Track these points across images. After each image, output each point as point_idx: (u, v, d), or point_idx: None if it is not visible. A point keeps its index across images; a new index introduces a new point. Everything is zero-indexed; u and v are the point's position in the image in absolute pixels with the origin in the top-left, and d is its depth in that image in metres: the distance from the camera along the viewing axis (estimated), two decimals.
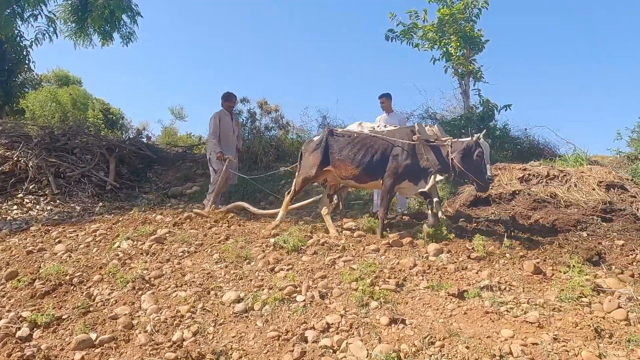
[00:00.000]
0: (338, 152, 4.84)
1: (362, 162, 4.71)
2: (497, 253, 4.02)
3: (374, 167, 4.70)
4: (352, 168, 4.75)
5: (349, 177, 4.83)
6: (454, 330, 2.71)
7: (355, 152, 4.76)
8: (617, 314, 2.86)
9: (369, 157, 4.71)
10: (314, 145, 5.05)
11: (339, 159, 4.82)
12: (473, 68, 8.86)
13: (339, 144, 4.89)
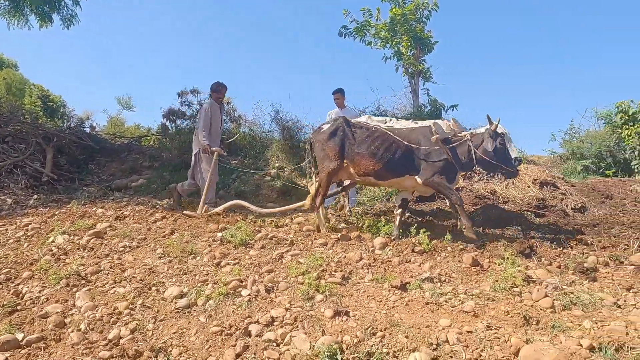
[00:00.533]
0: (357, 146, 4.46)
1: (386, 158, 4.38)
2: (440, 247, 4.17)
3: (398, 164, 4.40)
4: (373, 164, 4.39)
5: (369, 173, 4.45)
6: (395, 321, 2.79)
7: (378, 146, 4.40)
8: (544, 302, 3.06)
9: (393, 153, 4.40)
10: (328, 134, 4.57)
11: (359, 153, 4.44)
12: (422, 68, 9.13)
13: (358, 136, 4.50)
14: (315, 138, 4.77)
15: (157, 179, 8.02)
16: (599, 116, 9.44)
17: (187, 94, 9.39)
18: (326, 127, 4.72)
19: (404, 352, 2.47)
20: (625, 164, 8.40)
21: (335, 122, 4.69)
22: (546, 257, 3.95)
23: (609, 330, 2.68)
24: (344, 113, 6.99)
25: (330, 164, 4.52)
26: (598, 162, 8.65)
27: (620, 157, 8.54)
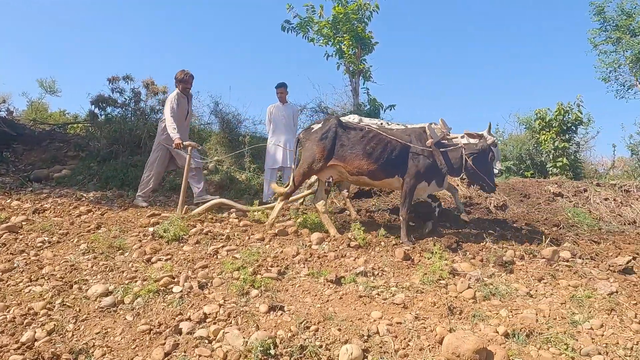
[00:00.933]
0: (350, 146, 4.47)
1: (380, 159, 4.44)
2: (374, 242, 4.30)
3: (391, 164, 4.48)
4: (367, 164, 4.44)
5: (362, 173, 4.49)
6: (329, 314, 2.84)
7: (372, 147, 4.45)
8: (466, 294, 3.27)
9: (387, 154, 4.47)
10: (320, 135, 4.53)
11: (352, 153, 4.45)
12: (363, 67, 9.34)
13: (351, 136, 4.51)
14: (305, 137, 4.71)
15: (83, 169, 7.49)
16: (521, 122, 10.24)
17: (118, 80, 8.85)
18: (317, 126, 4.69)
19: (336, 344, 2.53)
20: (541, 166, 9.19)
21: (327, 122, 4.67)
22: (470, 252, 4.21)
23: (521, 317, 2.93)
24: (286, 108, 7.00)
25: (313, 163, 4.51)
26: (519, 163, 9.38)
27: (538, 160, 9.33)
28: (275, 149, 6.88)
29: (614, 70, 11.31)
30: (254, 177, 8.42)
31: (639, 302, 3.27)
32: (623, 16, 10.89)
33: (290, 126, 6.98)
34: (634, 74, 10.96)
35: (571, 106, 9.07)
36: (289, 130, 6.93)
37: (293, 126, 7.06)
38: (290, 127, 6.96)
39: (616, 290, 3.42)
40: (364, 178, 4.56)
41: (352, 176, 4.59)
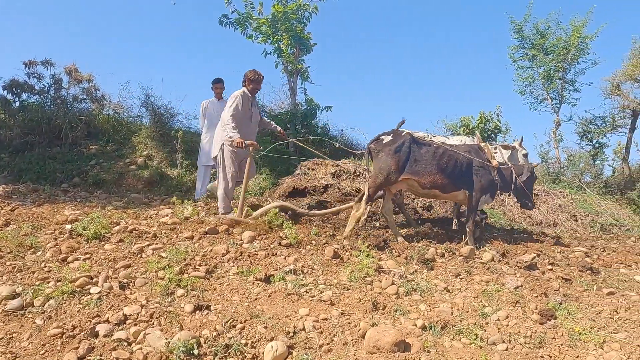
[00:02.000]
0: (423, 161, 4.65)
1: (451, 173, 4.69)
2: (305, 240, 4.37)
3: (459, 178, 4.75)
4: (440, 178, 4.65)
5: (435, 187, 4.68)
6: (257, 313, 2.85)
7: (445, 162, 4.68)
8: (390, 290, 3.43)
9: (456, 169, 4.72)
10: (394, 148, 4.64)
11: (425, 168, 4.64)
12: (301, 67, 9.40)
13: (423, 152, 4.69)
14: (378, 148, 4.76)
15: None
16: (447, 127, 10.87)
17: (36, 65, 8.15)
18: (387, 138, 4.76)
19: (262, 341, 2.54)
20: None
21: (400, 136, 4.75)
22: (396, 250, 4.41)
23: (438, 311, 3.13)
24: (221, 104, 6.83)
25: (389, 175, 4.61)
26: None
27: None
28: (210, 146, 6.71)
29: (529, 84, 12.37)
30: (186, 173, 8.17)
31: (539, 294, 3.63)
32: (538, 35, 11.95)
33: None
34: (545, 89, 12.07)
35: (492, 115, 9.80)
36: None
37: None
38: None
39: (521, 284, 3.77)
40: (435, 191, 4.78)
41: (423, 189, 4.77)
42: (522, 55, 12.52)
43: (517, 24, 12.19)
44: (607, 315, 3.38)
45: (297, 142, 6.11)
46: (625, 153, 11.22)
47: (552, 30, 11.90)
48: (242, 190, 4.95)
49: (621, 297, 3.81)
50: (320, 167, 7.25)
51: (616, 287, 4.05)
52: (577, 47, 11.35)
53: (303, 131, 9.53)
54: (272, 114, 9.74)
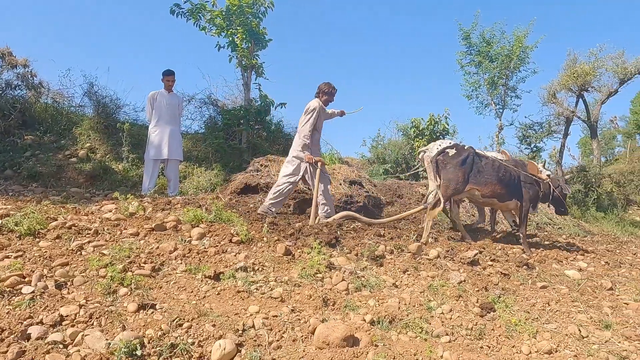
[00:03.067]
0: (485, 173, 5.22)
1: (507, 185, 5.30)
2: (257, 237, 4.32)
3: (513, 190, 5.37)
4: (499, 189, 5.26)
5: (494, 196, 5.30)
6: (205, 311, 2.78)
7: (502, 175, 5.27)
8: (340, 286, 3.47)
9: (511, 181, 5.33)
10: (460, 160, 5.16)
11: (486, 179, 5.21)
12: (256, 63, 9.27)
13: (484, 165, 5.27)
14: (445, 160, 5.23)
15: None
16: (399, 128, 11.20)
17: None
18: (452, 151, 5.25)
19: (210, 340, 2.48)
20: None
21: (464, 150, 5.29)
22: (347, 246, 4.47)
23: (386, 306, 3.21)
24: (171, 97, 6.63)
25: (457, 185, 5.13)
26: (395, 166, 10.25)
27: (412, 164, 10.30)
28: (160, 140, 6.49)
29: (475, 89, 13.02)
30: (132, 168, 7.82)
31: (480, 288, 3.82)
32: (484, 43, 12.59)
33: (175, 116, 6.64)
34: (489, 94, 12.74)
35: (440, 117, 10.19)
36: (173, 120, 6.59)
37: (178, 116, 6.73)
38: (175, 118, 6.63)
39: (464, 279, 3.95)
40: (494, 200, 5.38)
41: (483, 198, 5.36)
42: (470, 61, 13.12)
43: (465, 31, 12.75)
44: (540, 307, 3.62)
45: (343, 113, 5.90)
46: (559, 157, 12.08)
47: (497, 39, 12.57)
48: (314, 200, 5.35)
49: (553, 290, 4.09)
50: (273, 163, 7.20)
51: (549, 281, 4.35)
52: (518, 56, 12.06)
53: (257, 127, 9.42)
54: (224, 109, 9.53)
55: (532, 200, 5.53)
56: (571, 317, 3.50)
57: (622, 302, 3.97)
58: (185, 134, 9.49)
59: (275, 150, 9.05)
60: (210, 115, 9.84)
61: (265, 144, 9.26)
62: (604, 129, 26.20)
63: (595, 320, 3.47)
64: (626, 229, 9.46)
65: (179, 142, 6.76)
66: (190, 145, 8.88)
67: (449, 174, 5.16)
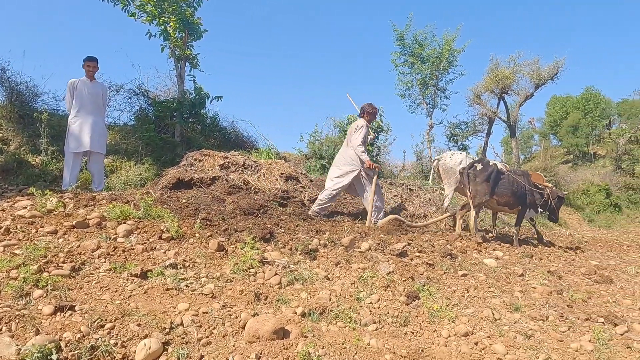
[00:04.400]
0: (503, 186, 6.09)
1: (515, 195, 6.20)
2: (189, 233, 4.21)
3: (520, 198, 6.27)
4: (512, 199, 6.20)
5: (507, 205, 6.29)
6: (129, 310, 2.68)
7: (515, 187, 6.18)
8: (273, 280, 3.50)
9: (519, 192, 6.23)
10: (487, 175, 5.97)
11: (503, 191, 6.10)
12: (190, 54, 8.97)
13: (503, 178, 6.13)
14: (475, 174, 6.05)
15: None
16: (336, 125, 11.39)
17: None
18: (479, 166, 6.10)
19: (134, 340, 2.40)
20: None
21: (489, 165, 6.11)
22: (282, 241, 4.50)
23: (317, 298, 3.29)
24: (94, 85, 6.22)
25: (485, 195, 5.98)
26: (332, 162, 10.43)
27: None
28: (80, 131, 6.06)
29: (408, 89, 13.61)
30: (51, 161, 7.26)
31: (407, 278, 4.03)
32: (416, 45, 13.17)
33: (99, 106, 6.21)
34: (421, 94, 13.38)
35: None
36: (96, 110, 6.15)
37: (102, 106, 6.29)
38: (98, 107, 6.19)
39: (393, 270, 4.14)
40: (506, 207, 6.39)
41: (498, 205, 6.37)
42: (403, 61, 13.65)
43: (399, 32, 13.25)
44: (460, 294, 3.89)
45: None
46: (483, 154, 12.97)
47: (428, 42, 13.19)
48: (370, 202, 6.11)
49: (472, 278, 4.42)
50: (208, 158, 7.03)
51: (469, 269, 4.68)
52: (447, 58, 12.75)
53: (191, 120, 9.13)
54: (156, 101, 9.13)
55: (532, 205, 6.52)
56: (487, 301, 3.81)
57: (531, 287, 4.38)
58: (113, 125, 8.96)
59: (211, 145, 8.84)
60: (140, 107, 9.36)
61: (200, 138, 9.01)
62: (523, 129, 28.53)
63: (507, 304, 3.80)
64: (543, 222, 10.41)
65: (103, 134, 6.33)
66: (118, 138, 8.41)
67: (478, 186, 6.04)
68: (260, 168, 7.10)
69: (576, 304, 3.98)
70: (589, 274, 5.11)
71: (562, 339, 3.21)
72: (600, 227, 11.10)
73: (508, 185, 6.19)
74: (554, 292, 4.21)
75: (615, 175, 15.93)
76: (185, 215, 4.85)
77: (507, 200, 6.26)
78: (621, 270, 5.58)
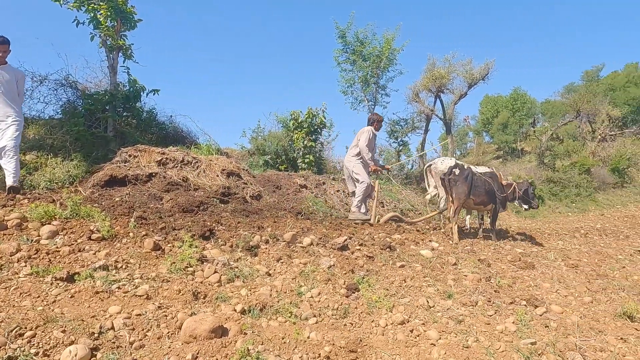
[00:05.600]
0: (478, 187, 6.73)
1: (488, 195, 6.84)
2: (122, 233, 4.01)
3: (491, 197, 6.90)
4: (486, 198, 6.81)
5: (482, 203, 6.85)
6: (53, 316, 2.50)
7: (486, 187, 6.82)
8: (213, 278, 3.43)
9: (491, 191, 6.86)
10: (464, 177, 6.61)
11: (478, 191, 6.72)
12: (124, 44, 8.49)
13: (477, 179, 6.77)
14: (454, 178, 6.63)
15: None
16: (279, 120, 11.34)
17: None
18: (457, 171, 6.68)
19: (58, 347, 2.25)
20: (294, 161, 10.43)
21: (465, 169, 6.75)
22: (222, 238, 4.41)
23: (258, 294, 3.27)
24: (6, 71, 5.54)
25: (465, 196, 6.58)
26: (275, 158, 10.38)
27: (291, 156, 10.54)
28: None
29: (350, 86, 13.84)
30: None
31: (348, 271, 4.11)
32: (358, 42, 13.41)
33: (13, 95, 5.42)
34: (363, 91, 13.67)
35: (318, 111, 10.59)
36: (10, 100, 5.41)
37: (17, 96, 5.56)
38: (12, 96, 5.40)
39: (334, 263, 4.21)
40: (481, 206, 6.94)
41: (475, 204, 6.88)
42: (345, 59, 13.85)
43: (341, 30, 13.41)
44: (397, 284, 4.04)
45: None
46: (422, 149, 13.50)
47: (369, 40, 13.47)
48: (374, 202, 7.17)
49: (409, 268, 4.60)
50: (144, 154, 6.72)
51: (407, 260, 4.87)
52: (387, 57, 13.11)
53: (125, 114, 8.66)
54: (86, 93, 8.55)
55: (502, 202, 7.22)
56: (422, 290, 3.99)
57: (463, 275, 4.64)
58: (37, 119, 8.26)
59: (147, 140, 8.44)
60: (68, 99, 8.70)
61: (135, 133, 8.55)
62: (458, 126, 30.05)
63: (440, 292, 4.00)
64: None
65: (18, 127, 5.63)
66: (43, 132, 7.76)
67: (459, 189, 6.66)
68: (200, 164, 6.90)
69: (502, 289, 4.28)
70: (514, 261, 5.51)
71: (489, 322, 3.44)
72: (525, 217, 11.99)
73: (482, 186, 6.88)
74: (483, 279, 4.50)
75: (539, 169, 17.28)
76: (118, 214, 4.61)
77: (482, 200, 6.91)
78: (542, 257, 6.07)
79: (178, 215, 5.13)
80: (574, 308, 4.02)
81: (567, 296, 4.36)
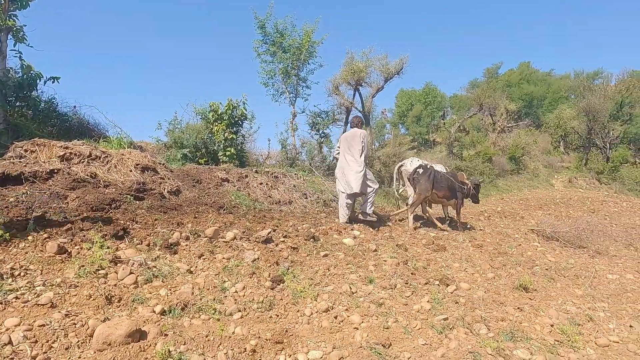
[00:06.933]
0: (440, 183, 7.47)
1: (450, 190, 7.60)
2: (18, 236, 3.60)
3: (454, 192, 7.64)
4: (447, 192, 7.56)
5: (445, 197, 7.62)
6: None
7: (449, 184, 7.58)
8: (128, 280, 3.22)
9: (452, 187, 7.61)
10: (428, 175, 7.42)
11: (441, 186, 7.47)
12: (14, 25, 7.54)
13: (439, 177, 7.50)
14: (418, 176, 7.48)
15: None
16: (197, 112, 10.87)
17: None
18: (421, 170, 7.51)
19: None
20: (214, 154, 10.09)
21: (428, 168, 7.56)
22: (138, 237, 4.16)
23: (179, 293, 3.14)
24: None
25: (427, 191, 7.37)
26: (195, 151, 9.95)
27: (211, 149, 10.18)
28: None
29: (271, 77, 13.68)
30: None
31: (272, 264, 4.10)
32: (277, 34, 13.28)
33: None
34: (284, 83, 13.59)
35: (238, 103, 10.34)
36: None
37: None
38: None
39: (258, 257, 4.17)
40: (444, 200, 7.70)
41: (439, 198, 7.66)
42: (265, 50, 13.66)
43: (261, 20, 13.19)
44: (321, 273, 4.12)
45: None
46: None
47: (288, 32, 13.41)
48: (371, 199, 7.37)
49: (332, 257, 4.71)
50: (43, 148, 6.06)
51: (330, 250, 4.98)
52: (307, 49, 13.17)
53: (18, 104, 7.73)
54: None
55: (462, 197, 7.89)
56: (345, 277, 4.11)
57: (382, 260, 4.87)
58: None
59: (47, 133, 7.64)
60: None
61: (32, 125, 7.68)
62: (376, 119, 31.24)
63: (362, 278, 4.16)
64: (391, 201, 11.60)
65: None
66: None
67: (422, 185, 7.46)
68: (110, 159, 6.39)
69: (418, 271, 4.57)
70: (428, 245, 5.90)
71: (407, 303, 3.65)
72: None
73: (444, 182, 7.71)
74: (401, 262, 4.76)
75: (449, 159, 18.63)
76: (13, 216, 4.11)
77: (445, 194, 7.73)
78: (452, 239, 6.57)
79: (86, 214, 4.71)
80: (479, 284, 4.41)
81: (474, 274, 4.78)
